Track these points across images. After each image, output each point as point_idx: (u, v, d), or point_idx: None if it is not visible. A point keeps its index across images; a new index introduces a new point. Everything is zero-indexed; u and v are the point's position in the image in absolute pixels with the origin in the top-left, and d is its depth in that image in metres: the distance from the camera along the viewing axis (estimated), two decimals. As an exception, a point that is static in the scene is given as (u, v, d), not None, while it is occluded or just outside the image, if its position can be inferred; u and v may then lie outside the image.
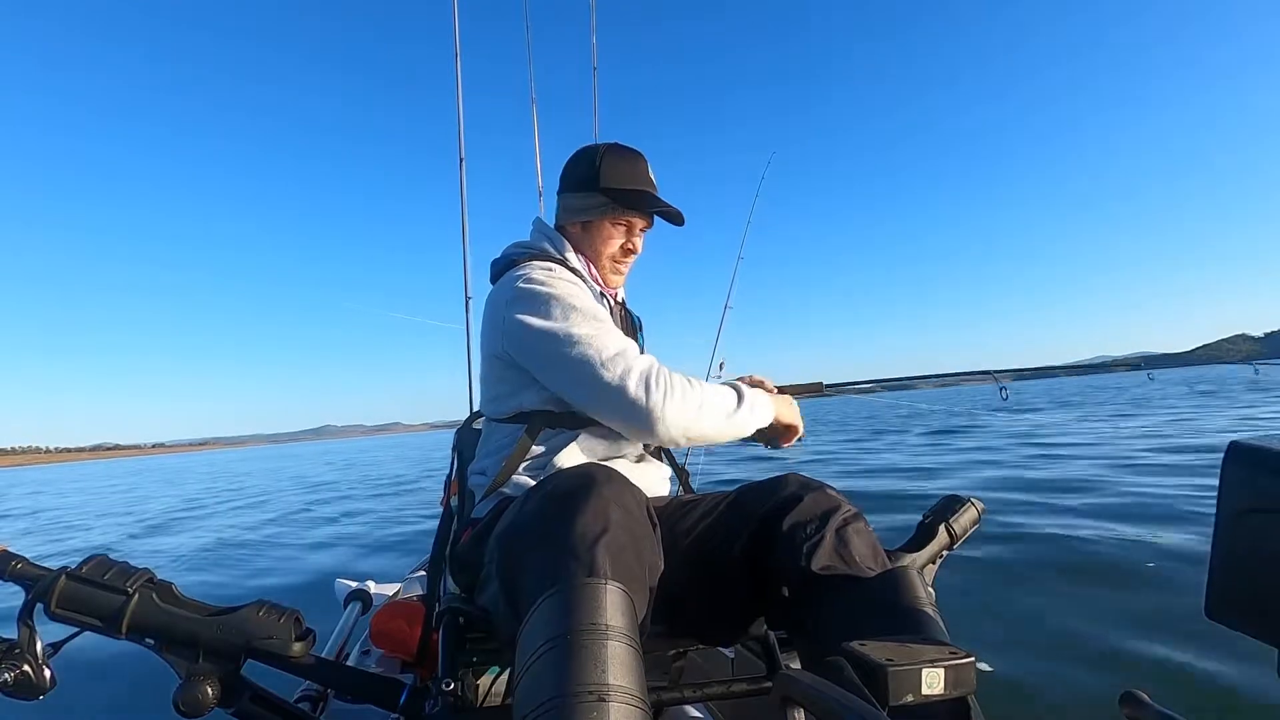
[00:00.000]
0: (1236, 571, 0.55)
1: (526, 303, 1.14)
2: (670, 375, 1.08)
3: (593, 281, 1.29)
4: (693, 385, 1.10)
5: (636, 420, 1.06)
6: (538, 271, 1.19)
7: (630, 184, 1.27)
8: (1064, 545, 3.52)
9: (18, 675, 0.89)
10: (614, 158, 1.28)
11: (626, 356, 1.08)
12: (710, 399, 1.11)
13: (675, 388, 1.06)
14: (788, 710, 0.65)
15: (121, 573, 0.95)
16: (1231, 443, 0.56)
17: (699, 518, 1.14)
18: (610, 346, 1.08)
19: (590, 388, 1.08)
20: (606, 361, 1.06)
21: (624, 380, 1.05)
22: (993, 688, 1.94)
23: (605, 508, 0.84)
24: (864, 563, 0.99)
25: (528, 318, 1.13)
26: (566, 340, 1.09)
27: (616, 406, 1.07)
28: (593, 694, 0.67)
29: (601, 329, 1.11)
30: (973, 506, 1.41)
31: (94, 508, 12.73)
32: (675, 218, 1.32)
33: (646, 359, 1.10)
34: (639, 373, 1.06)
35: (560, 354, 1.09)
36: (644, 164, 1.31)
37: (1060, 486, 5.35)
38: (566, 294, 1.14)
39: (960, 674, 0.69)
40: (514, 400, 1.20)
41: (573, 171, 1.32)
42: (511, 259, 1.28)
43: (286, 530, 7.00)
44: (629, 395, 1.05)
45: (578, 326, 1.10)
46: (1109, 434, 9.64)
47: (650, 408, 1.04)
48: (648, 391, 1.05)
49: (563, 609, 0.75)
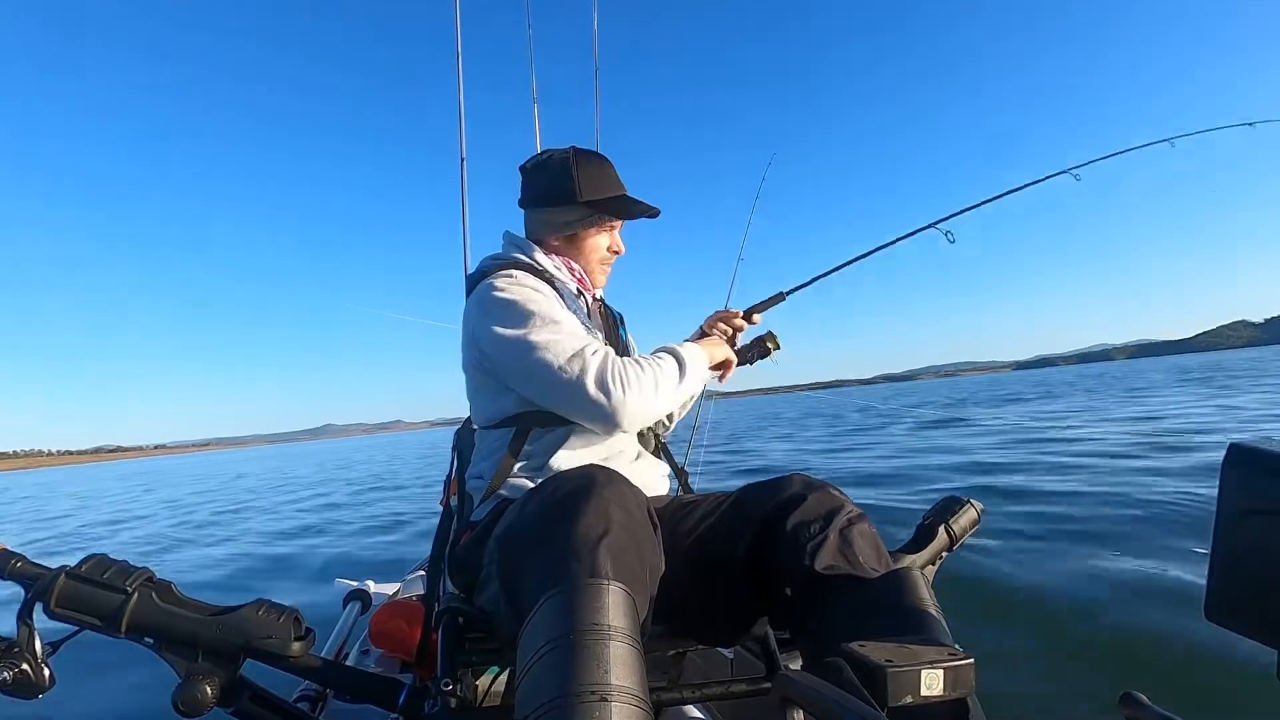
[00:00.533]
0: (1236, 573, 0.54)
1: (490, 312, 1.18)
2: (624, 367, 1.12)
3: (569, 281, 1.33)
4: (644, 369, 1.14)
5: (601, 418, 1.11)
6: (499, 279, 1.21)
7: (608, 191, 1.32)
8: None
9: (17, 674, 0.89)
10: (588, 168, 1.31)
11: (583, 357, 1.11)
12: (660, 377, 1.16)
13: (630, 380, 1.11)
14: (787, 711, 0.65)
15: (121, 572, 0.95)
16: (1231, 444, 0.56)
17: (700, 518, 1.14)
18: (566, 350, 1.11)
19: (553, 392, 1.12)
20: (564, 366, 1.10)
21: (581, 381, 1.09)
22: (993, 687, 1.94)
23: (607, 508, 0.85)
24: (868, 563, 0.99)
25: (493, 327, 1.16)
26: (527, 347, 1.12)
27: (580, 407, 1.11)
28: (595, 694, 0.67)
29: (559, 332, 1.14)
30: (972, 508, 1.41)
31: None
32: (652, 213, 1.36)
33: (600, 356, 1.12)
34: (595, 372, 1.10)
35: (523, 362, 1.13)
36: (611, 166, 1.35)
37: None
38: (524, 299, 1.17)
39: (960, 675, 0.69)
40: (496, 406, 1.22)
41: (544, 185, 1.33)
42: (484, 271, 1.30)
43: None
44: (589, 396, 1.09)
45: (536, 333, 1.13)
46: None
47: (612, 406, 1.09)
48: (606, 391, 1.09)
49: (565, 609, 0.75)
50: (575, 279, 1.34)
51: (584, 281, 1.36)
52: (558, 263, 1.33)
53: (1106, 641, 2.28)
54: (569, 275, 1.33)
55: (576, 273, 1.35)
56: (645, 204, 1.34)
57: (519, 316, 1.15)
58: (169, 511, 10.96)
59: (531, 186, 1.35)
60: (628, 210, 1.34)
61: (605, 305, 1.45)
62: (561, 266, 1.33)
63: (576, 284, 1.34)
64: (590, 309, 1.35)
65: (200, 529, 8.13)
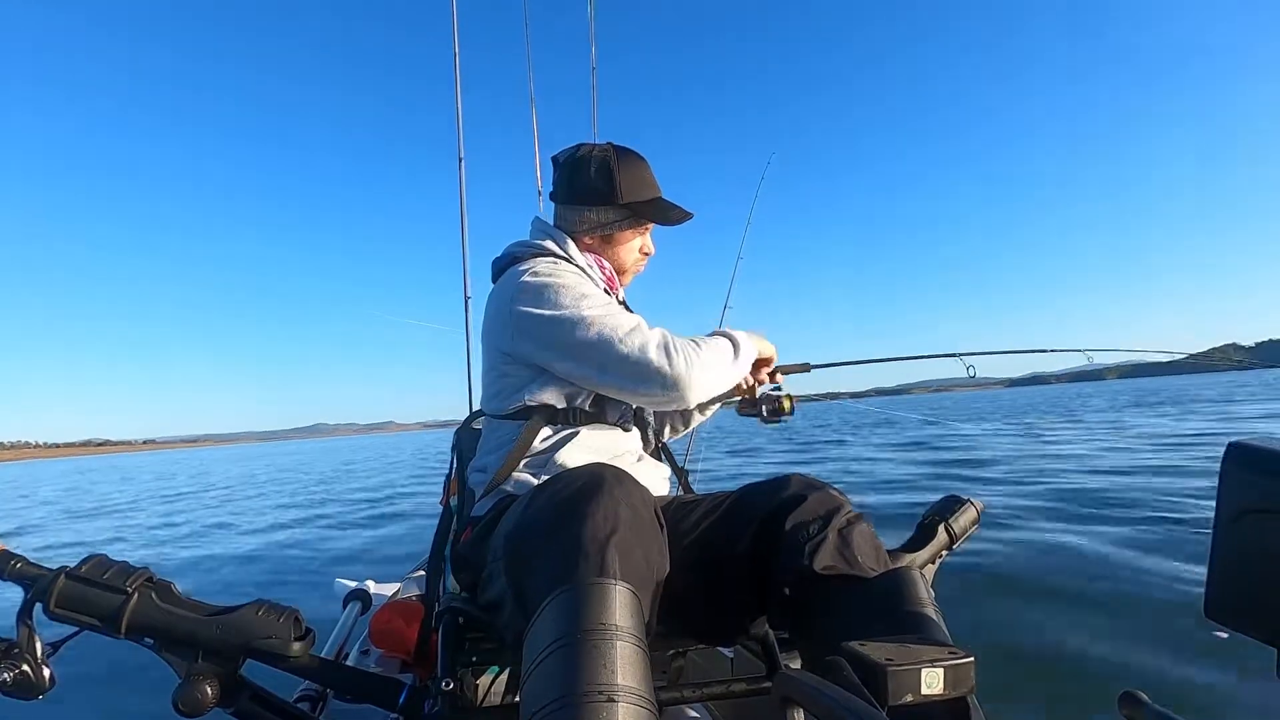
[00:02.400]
0: (1236, 572, 0.55)
1: (534, 295, 1.15)
2: (683, 341, 1.14)
3: (599, 280, 1.30)
4: (701, 345, 1.16)
5: (665, 388, 1.10)
6: (543, 265, 1.21)
7: (648, 194, 1.31)
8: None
9: (17, 675, 0.89)
10: (628, 169, 1.29)
11: (642, 331, 1.12)
12: (717, 355, 1.17)
13: (691, 353, 1.12)
14: (787, 710, 0.65)
15: (120, 572, 0.95)
16: (1231, 443, 0.56)
17: (700, 518, 1.14)
18: (625, 323, 1.12)
19: (614, 365, 1.11)
20: (624, 338, 1.10)
21: (644, 353, 1.09)
22: (992, 687, 1.94)
23: (615, 508, 0.84)
24: (866, 563, 0.99)
25: (537, 309, 1.14)
26: (581, 323, 1.11)
27: (643, 378, 1.11)
28: (602, 694, 0.67)
29: (612, 308, 1.15)
30: (972, 506, 1.41)
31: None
32: (688, 217, 1.35)
33: (658, 330, 1.14)
34: (657, 344, 1.10)
35: (576, 338, 1.11)
36: (649, 167, 1.33)
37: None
38: (573, 283, 1.17)
39: (960, 674, 0.69)
40: (517, 396, 1.20)
41: (583, 184, 1.29)
42: (514, 256, 1.29)
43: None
44: (654, 366, 1.09)
45: (589, 310, 1.13)
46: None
47: (676, 375, 1.09)
48: (670, 360, 1.09)
49: (572, 609, 0.75)
50: (605, 278, 1.32)
51: (612, 281, 1.34)
52: (589, 260, 1.31)
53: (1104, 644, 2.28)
54: (599, 274, 1.31)
55: (607, 271, 1.33)
56: (682, 208, 1.33)
57: (568, 296, 1.13)
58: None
59: (568, 183, 1.31)
60: (667, 215, 1.33)
61: (627, 307, 1.41)
62: (593, 264, 1.31)
63: (605, 283, 1.32)
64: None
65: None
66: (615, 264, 1.35)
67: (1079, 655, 2.18)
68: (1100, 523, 4.25)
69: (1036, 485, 5.95)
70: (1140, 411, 17.48)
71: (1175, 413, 16.00)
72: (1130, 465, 6.92)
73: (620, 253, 1.34)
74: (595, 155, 1.29)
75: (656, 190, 1.32)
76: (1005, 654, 2.21)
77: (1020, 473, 6.93)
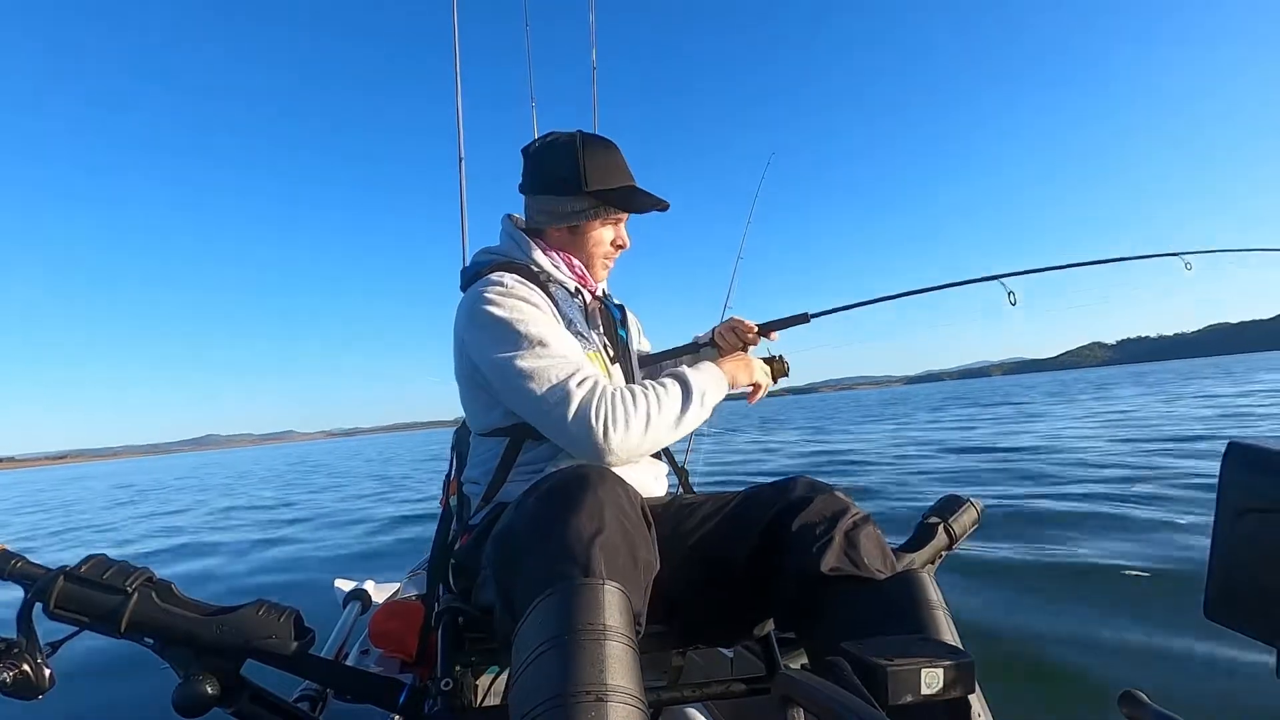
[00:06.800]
0: (1235, 571, 0.55)
1: (478, 328, 1.13)
2: (612, 401, 1.05)
3: (568, 279, 1.29)
4: (637, 403, 1.07)
5: (584, 456, 1.06)
6: (490, 290, 1.15)
7: (616, 181, 1.25)
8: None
9: (17, 675, 0.89)
10: (595, 155, 1.24)
11: (567, 389, 1.05)
12: (657, 413, 1.08)
13: (617, 416, 1.04)
14: (787, 710, 0.65)
15: (120, 572, 0.95)
16: (1230, 442, 0.56)
17: (704, 518, 1.14)
18: (550, 378, 1.06)
19: (537, 423, 1.09)
20: (545, 396, 1.05)
21: (563, 416, 1.04)
22: (992, 688, 1.94)
23: (600, 507, 0.84)
24: (873, 565, 0.99)
25: (481, 346, 1.12)
26: (514, 373, 1.07)
27: (570, 443, 1.07)
28: (591, 694, 0.67)
29: (545, 356, 1.08)
30: (972, 507, 1.41)
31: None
32: (662, 206, 1.30)
33: (585, 388, 1.05)
34: (577, 406, 1.04)
35: (509, 387, 1.09)
36: (619, 154, 1.28)
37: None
38: (513, 316, 1.11)
39: (960, 674, 0.69)
40: (490, 415, 1.19)
41: (549, 171, 1.26)
42: (477, 269, 1.25)
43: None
44: (570, 433, 1.04)
45: (522, 358, 1.07)
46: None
47: (593, 443, 1.03)
48: (588, 428, 1.03)
49: (560, 609, 0.75)
50: (575, 275, 1.30)
51: (584, 278, 1.32)
52: (556, 260, 1.28)
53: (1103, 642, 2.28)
54: (568, 272, 1.29)
55: (577, 268, 1.30)
56: (654, 196, 1.27)
57: (507, 337, 1.10)
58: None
59: (534, 171, 1.28)
60: (635, 203, 1.27)
61: (605, 302, 1.39)
62: (561, 264, 1.28)
63: (576, 281, 1.30)
64: (589, 307, 1.31)
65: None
66: (584, 257, 1.30)
67: (1079, 655, 2.17)
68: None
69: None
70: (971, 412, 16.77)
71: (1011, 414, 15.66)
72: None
73: (589, 245, 1.29)
74: (561, 141, 1.26)
75: (627, 178, 1.26)
76: (1005, 654, 2.21)
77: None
